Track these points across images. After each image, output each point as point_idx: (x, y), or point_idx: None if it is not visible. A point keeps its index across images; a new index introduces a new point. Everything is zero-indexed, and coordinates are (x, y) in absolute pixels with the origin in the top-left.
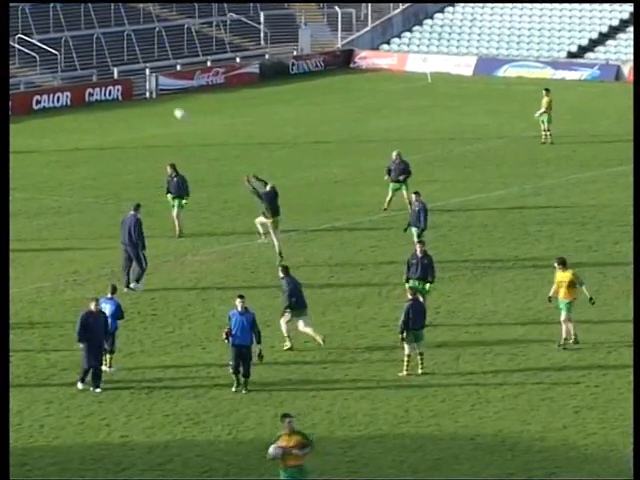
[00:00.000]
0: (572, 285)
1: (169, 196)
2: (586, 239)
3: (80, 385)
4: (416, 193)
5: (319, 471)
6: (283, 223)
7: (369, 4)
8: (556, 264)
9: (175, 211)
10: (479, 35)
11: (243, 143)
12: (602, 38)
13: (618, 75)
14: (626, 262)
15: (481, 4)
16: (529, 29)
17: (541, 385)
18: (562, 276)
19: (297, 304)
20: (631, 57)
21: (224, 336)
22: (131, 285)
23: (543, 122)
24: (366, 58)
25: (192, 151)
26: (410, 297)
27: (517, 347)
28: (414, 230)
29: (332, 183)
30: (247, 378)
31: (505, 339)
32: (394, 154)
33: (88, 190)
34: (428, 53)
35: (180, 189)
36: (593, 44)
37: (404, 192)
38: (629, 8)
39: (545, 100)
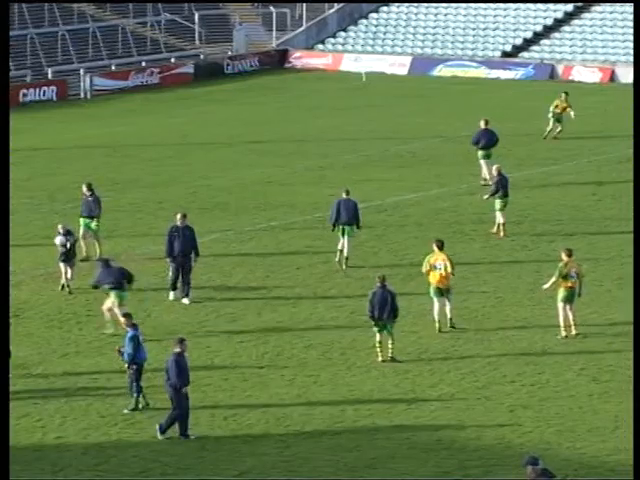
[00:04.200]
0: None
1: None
2: (521, 238)
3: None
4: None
5: (256, 471)
6: (219, 222)
7: (304, 4)
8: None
9: (82, 232)
10: (414, 35)
11: (178, 143)
12: (536, 38)
13: (552, 74)
14: (584, 257)
15: (416, 4)
16: (464, 28)
17: (476, 384)
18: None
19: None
20: (565, 56)
21: (117, 354)
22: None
23: (558, 121)
24: (301, 58)
25: (127, 151)
26: (378, 284)
27: (452, 346)
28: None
29: (267, 183)
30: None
31: (440, 338)
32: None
33: (22, 191)
34: (363, 53)
35: (92, 210)
36: (527, 43)
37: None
38: (563, 7)
39: (560, 102)
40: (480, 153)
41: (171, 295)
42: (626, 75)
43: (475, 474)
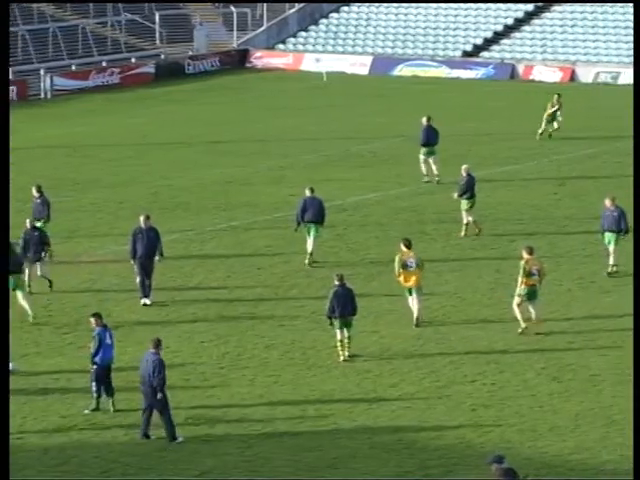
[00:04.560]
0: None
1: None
2: (482, 237)
3: None
4: None
5: (217, 471)
6: (180, 222)
7: (264, 4)
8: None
9: None
10: (374, 34)
11: (138, 143)
12: (497, 37)
13: (513, 74)
14: (545, 256)
15: (376, 3)
16: (424, 28)
17: (437, 383)
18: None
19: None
20: (526, 55)
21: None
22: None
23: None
24: (262, 58)
25: (87, 151)
26: (336, 283)
27: (413, 346)
28: None
29: (228, 183)
30: (113, 397)
31: (401, 338)
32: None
33: None
34: (324, 52)
35: (40, 213)
36: (488, 43)
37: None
38: (524, 7)
39: (553, 103)
40: (422, 150)
41: (142, 301)
42: (586, 75)
43: (436, 474)
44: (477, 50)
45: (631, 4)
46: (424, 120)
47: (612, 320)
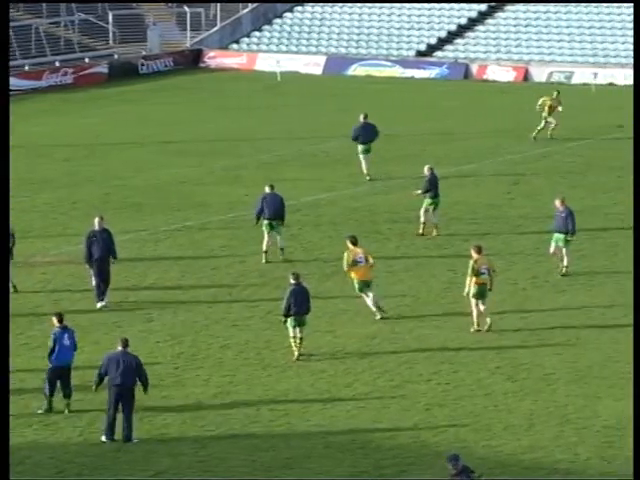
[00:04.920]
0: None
1: None
2: (436, 237)
3: None
4: None
5: (172, 471)
6: (134, 222)
7: (218, 4)
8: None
9: None
10: (328, 34)
11: (92, 143)
12: (451, 37)
13: (467, 73)
14: (499, 255)
15: (330, 3)
16: (378, 28)
17: (392, 383)
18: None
19: None
20: (480, 55)
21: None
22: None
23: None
24: (215, 58)
25: (41, 151)
26: (292, 282)
27: (367, 345)
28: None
29: (181, 183)
30: (69, 399)
31: (355, 338)
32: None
33: None
34: (278, 52)
35: None
36: (442, 43)
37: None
38: (477, 7)
39: (551, 99)
40: (360, 148)
41: (98, 304)
42: (540, 74)
43: (391, 473)
44: (431, 50)
45: (583, 4)
46: (361, 117)
47: (566, 319)
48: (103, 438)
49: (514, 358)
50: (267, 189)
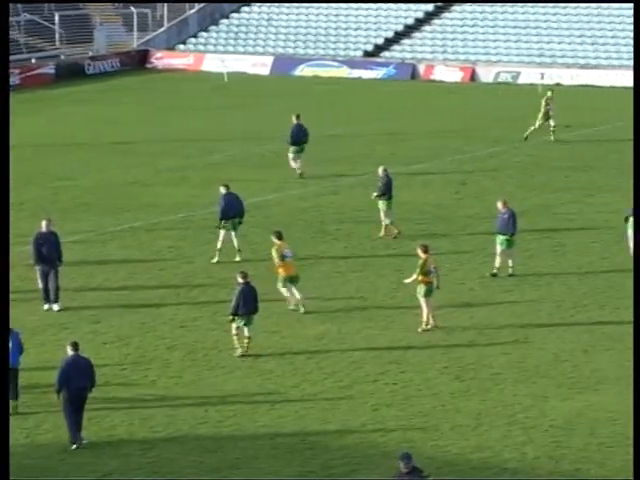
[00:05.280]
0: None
1: None
2: (384, 237)
3: None
4: None
5: (119, 472)
6: (81, 223)
7: (164, 4)
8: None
9: None
10: (275, 35)
11: (39, 144)
12: (398, 37)
13: (414, 74)
14: (446, 255)
15: (277, 4)
16: (325, 28)
17: (340, 383)
18: (421, 262)
19: None
20: (427, 55)
21: None
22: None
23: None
24: (162, 58)
25: None
26: (241, 281)
27: (315, 346)
28: None
29: (130, 184)
30: (16, 400)
31: (303, 338)
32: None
33: None
34: (225, 53)
35: None
36: (389, 43)
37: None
38: (424, 7)
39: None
40: (292, 149)
41: (45, 306)
42: (486, 74)
43: (339, 473)
44: (378, 50)
45: (530, 4)
46: (294, 118)
47: (514, 319)
48: (73, 447)
49: (462, 358)
50: (223, 189)
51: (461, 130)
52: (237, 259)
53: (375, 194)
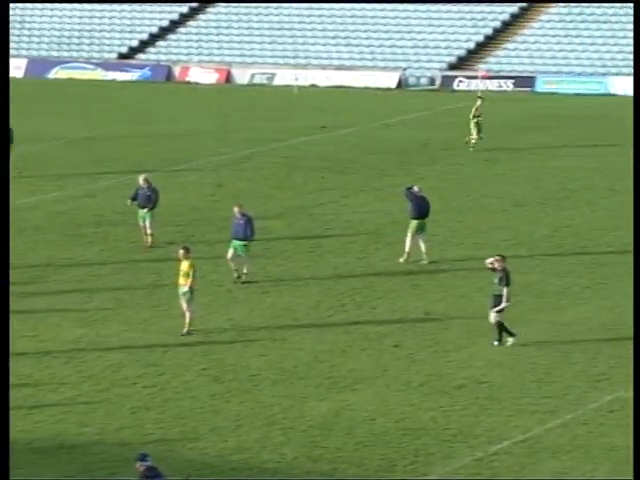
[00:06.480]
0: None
1: None
2: (139, 239)
3: None
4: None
5: None
6: None
7: None
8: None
9: None
10: (29, 37)
11: None
12: (152, 39)
13: (169, 76)
14: (204, 257)
15: (30, 4)
16: (79, 30)
17: (98, 387)
18: (183, 265)
19: None
20: (182, 57)
21: None
22: None
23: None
24: None
25: None
26: None
27: (73, 349)
28: None
29: None
30: None
31: (61, 341)
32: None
33: None
34: None
35: None
36: (144, 45)
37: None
38: (178, 9)
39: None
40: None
41: None
42: (242, 76)
43: (101, 475)
44: (133, 52)
45: (285, 4)
46: None
47: (272, 320)
48: None
49: (220, 359)
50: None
51: (217, 132)
52: None
53: (129, 201)
